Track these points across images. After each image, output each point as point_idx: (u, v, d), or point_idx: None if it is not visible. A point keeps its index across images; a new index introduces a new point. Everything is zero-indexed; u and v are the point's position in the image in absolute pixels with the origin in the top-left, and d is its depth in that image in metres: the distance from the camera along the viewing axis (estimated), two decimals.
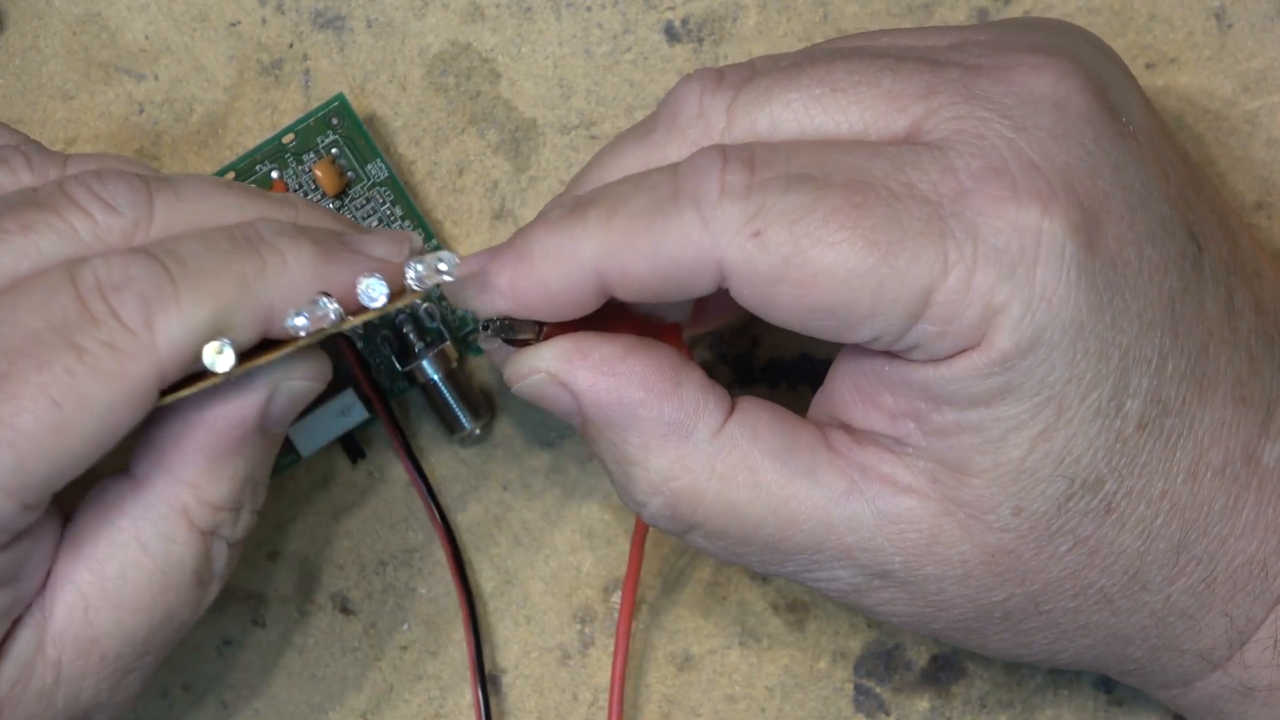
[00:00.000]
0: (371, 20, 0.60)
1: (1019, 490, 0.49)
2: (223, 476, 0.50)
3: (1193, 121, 0.60)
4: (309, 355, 0.50)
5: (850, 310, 0.48)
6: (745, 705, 0.60)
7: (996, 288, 0.47)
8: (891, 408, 0.50)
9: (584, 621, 0.60)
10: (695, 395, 0.50)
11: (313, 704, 0.60)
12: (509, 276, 0.50)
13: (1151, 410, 0.49)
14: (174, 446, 0.50)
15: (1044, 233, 0.48)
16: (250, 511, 0.51)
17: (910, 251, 0.47)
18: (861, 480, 0.50)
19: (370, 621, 0.60)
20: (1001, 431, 0.48)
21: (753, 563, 0.51)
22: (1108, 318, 0.48)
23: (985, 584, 0.50)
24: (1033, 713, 0.60)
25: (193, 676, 0.59)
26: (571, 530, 0.60)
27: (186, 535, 0.50)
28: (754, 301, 0.49)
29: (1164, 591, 0.50)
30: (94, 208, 0.49)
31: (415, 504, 0.60)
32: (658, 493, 0.50)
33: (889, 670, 0.60)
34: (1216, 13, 0.60)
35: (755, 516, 0.50)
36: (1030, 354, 0.48)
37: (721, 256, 0.48)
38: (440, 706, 0.60)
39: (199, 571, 0.50)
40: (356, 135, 0.59)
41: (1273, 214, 0.60)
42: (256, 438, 0.50)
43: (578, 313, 0.50)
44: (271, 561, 0.60)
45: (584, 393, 0.50)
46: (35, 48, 0.60)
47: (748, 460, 0.50)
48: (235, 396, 0.49)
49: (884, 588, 0.51)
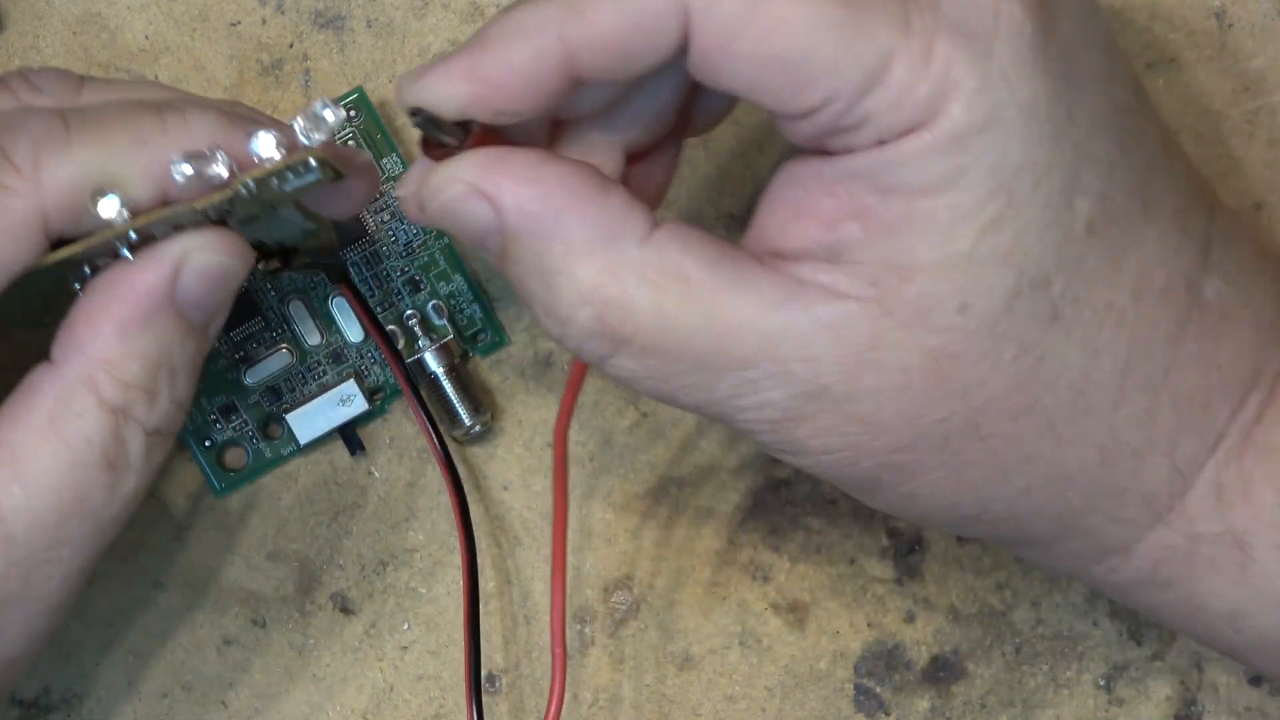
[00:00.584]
0: (371, 20, 0.60)
1: (965, 284, 0.47)
2: (134, 353, 0.49)
3: (1193, 121, 0.60)
4: (220, 231, 0.50)
5: (809, 63, 0.46)
6: (745, 705, 0.60)
7: (954, 58, 0.46)
8: (832, 211, 0.48)
9: (584, 621, 0.60)
10: (621, 202, 0.48)
11: (313, 704, 0.60)
12: (465, 61, 0.48)
13: (1100, 213, 0.48)
14: (85, 322, 0.49)
15: (1003, 10, 0.47)
16: (170, 402, 0.50)
17: (876, 9, 0.46)
18: (798, 289, 0.48)
19: (370, 621, 0.60)
20: (951, 219, 0.47)
21: (682, 391, 0.49)
22: (1063, 106, 0.47)
23: (926, 397, 0.48)
24: (1033, 712, 0.60)
25: (193, 676, 0.59)
26: (571, 530, 0.60)
27: (95, 411, 0.49)
28: (710, 53, 0.47)
29: (1108, 419, 0.49)
30: (21, 89, 0.50)
31: (415, 504, 0.60)
32: (586, 303, 0.48)
33: (889, 670, 0.60)
34: (1216, 13, 0.61)
35: (688, 325, 0.48)
36: (985, 132, 0.46)
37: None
38: (440, 706, 0.60)
39: (108, 453, 0.49)
40: (374, 129, 0.59)
41: (1273, 214, 0.60)
42: (169, 315, 0.49)
43: (541, 97, 0.48)
44: (271, 561, 0.60)
45: (505, 199, 0.48)
46: (35, 48, 0.60)
47: (679, 267, 0.48)
48: (142, 267, 0.49)
49: (818, 412, 0.48)
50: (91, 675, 0.59)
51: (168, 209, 0.49)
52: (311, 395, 0.59)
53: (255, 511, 0.60)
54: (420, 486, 0.60)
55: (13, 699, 0.59)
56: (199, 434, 0.59)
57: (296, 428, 0.58)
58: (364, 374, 0.59)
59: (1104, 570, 0.52)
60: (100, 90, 0.52)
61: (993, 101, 0.46)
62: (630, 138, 0.52)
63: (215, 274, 0.50)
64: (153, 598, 0.59)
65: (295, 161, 0.49)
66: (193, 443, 0.59)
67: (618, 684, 0.60)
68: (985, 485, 0.50)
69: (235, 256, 0.50)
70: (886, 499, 0.50)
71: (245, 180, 0.48)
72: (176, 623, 0.59)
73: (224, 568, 0.59)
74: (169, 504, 0.59)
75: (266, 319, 0.59)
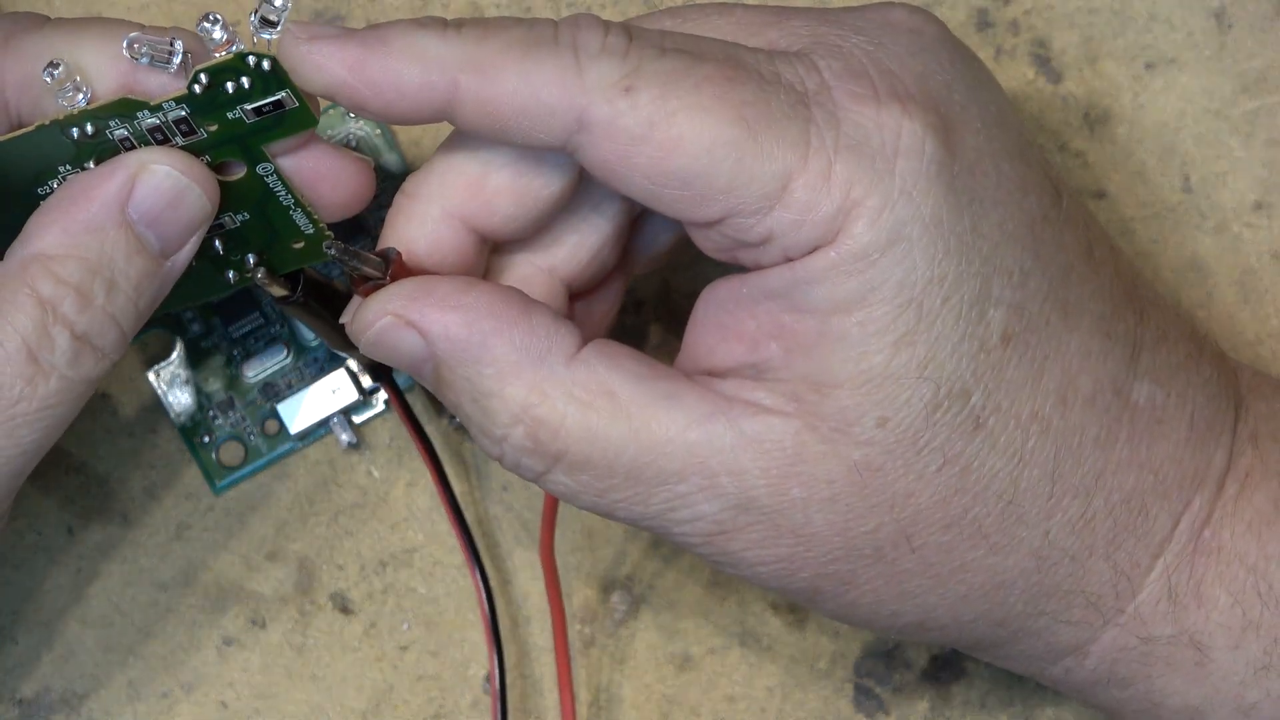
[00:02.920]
0: (371, 20, 0.60)
1: (883, 398, 0.48)
2: (74, 252, 0.49)
3: (1193, 121, 0.60)
4: (181, 152, 0.50)
5: (707, 181, 0.47)
6: (745, 705, 0.60)
7: (856, 178, 0.47)
8: (753, 332, 0.49)
9: (584, 621, 0.60)
10: (546, 321, 0.49)
11: (313, 704, 0.60)
12: (357, 52, 0.48)
13: (1016, 323, 0.48)
14: (36, 220, 0.49)
15: (904, 130, 0.47)
16: (105, 312, 0.49)
17: (776, 131, 0.47)
18: (723, 404, 0.49)
19: (370, 621, 0.60)
20: (862, 336, 0.47)
21: (618, 505, 0.50)
22: (967, 220, 0.48)
23: (853, 509, 0.49)
24: (1033, 712, 0.60)
25: (193, 676, 0.59)
26: (571, 530, 0.60)
27: (25, 300, 0.49)
28: (609, 161, 0.48)
29: (1041, 526, 0.50)
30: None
31: (415, 504, 0.60)
32: (518, 421, 0.49)
33: (889, 670, 0.60)
34: (1216, 13, 0.61)
35: (617, 441, 0.49)
36: (889, 249, 0.47)
37: (587, 106, 0.47)
38: (440, 706, 0.60)
39: (31, 344, 0.49)
40: (374, 128, 0.59)
41: (1273, 214, 0.60)
42: (118, 225, 0.49)
43: (413, 117, 0.49)
44: (271, 561, 0.60)
45: (433, 327, 0.49)
46: None
47: (606, 384, 0.49)
48: (100, 173, 0.49)
49: (750, 525, 0.49)
50: (91, 675, 0.59)
51: (121, 99, 0.49)
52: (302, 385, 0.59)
53: (255, 511, 0.60)
54: (420, 486, 0.60)
55: (13, 699, 0.59)
56: (196, 430, 0.59)
57: (287, 417, 0.58)
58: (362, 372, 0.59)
59: (1060, 671, 0.52)
60: None
61: (895, 219, 0.47)
62: (570, 272, 0.53)
63: (169, 190, 0.50)
64: (153, 598, 0.59)
65: (247, 53, 0.48)
66: (189, 439, 0.59)
67: (618, 684, 0.60)
68: (923, 594, 0.50)
69: (193, 178, 0.50)
70: (829, 608, 0.51)
71: (197, 72, 0.48)
72: (176, 623, 0.59)
73: (224, 568, 0.59)
74: (168, 504, 0.59)
75: (265, 315, 0.59)
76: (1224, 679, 0.51)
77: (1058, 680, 0.53)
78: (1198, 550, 0.51)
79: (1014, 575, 0.50)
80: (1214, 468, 0.51)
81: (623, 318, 0.60)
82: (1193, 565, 0.51)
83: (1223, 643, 0.51)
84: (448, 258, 0.51)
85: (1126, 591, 0.51)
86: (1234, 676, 0.51)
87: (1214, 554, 0.51)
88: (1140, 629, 0.51)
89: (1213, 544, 0.51)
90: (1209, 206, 0.60)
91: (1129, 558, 0.50)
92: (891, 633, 0.51)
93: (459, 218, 0.50)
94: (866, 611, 0.51)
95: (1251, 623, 0.51)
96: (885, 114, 0.47)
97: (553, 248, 0.52)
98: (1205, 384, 0.51)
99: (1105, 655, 0.51)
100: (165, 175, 0.49)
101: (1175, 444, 0.51)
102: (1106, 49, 0.61)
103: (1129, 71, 0.61)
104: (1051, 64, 0.61)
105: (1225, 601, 0.51)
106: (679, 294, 0.60)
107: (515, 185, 0.50)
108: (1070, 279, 0.50)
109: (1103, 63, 0.61)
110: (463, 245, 0.51)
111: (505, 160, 0.50)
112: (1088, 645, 0.51)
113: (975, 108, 0.49)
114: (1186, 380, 0.51)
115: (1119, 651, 0.51)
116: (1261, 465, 0.51)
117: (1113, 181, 0.61)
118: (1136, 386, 0.50)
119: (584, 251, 0.52)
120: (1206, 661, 0.51)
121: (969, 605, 0.51)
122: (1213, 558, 0.51)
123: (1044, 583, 0.50)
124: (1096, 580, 0.50)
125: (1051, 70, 0.61)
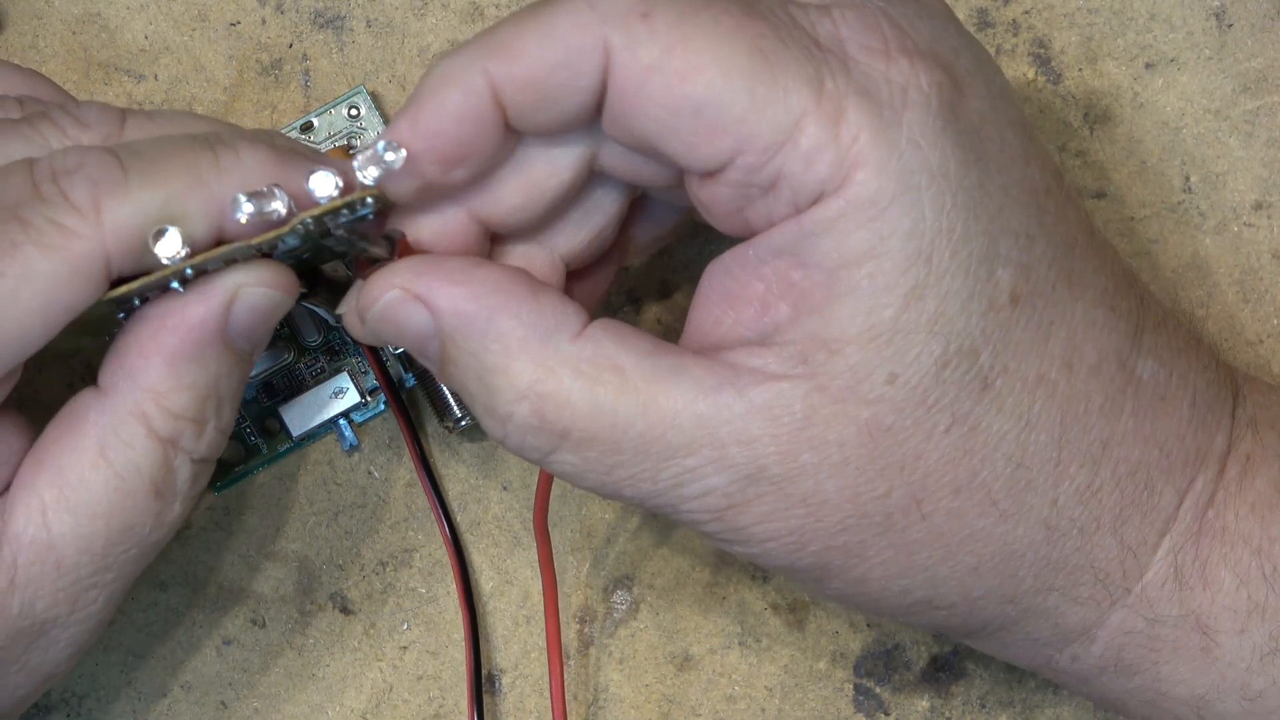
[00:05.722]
0: (371, 20, 0.60)
1: (892, 354, 0.48)
2: (183, 384, 0.49)
3: (1193, 121, 0.60)
4: (272, 265, 0.50)
5: (720, 110, 0.47)
6: (745, 705, 0.60)
7: (864, 124, 0.47)
8: (762, 294, 0.49)
9: (584, 621, 0.60)
10: (554, 300, 0.49)
11: (313, 704, 0.60)
12: (408, 121, 0.49)
13: (1023, 284, 0.48)
14: (137, 352, 0.49)
15: (911, 85, 0.48)
16: (216, 430, 0.50)
17: (791, 69, 0.47)
18: (731, 374, 0.48)
19: (370, 621, 0.60)
20: (872, 289, 0.47)
21: (625, 483, 0.49)
22: (974, 176, 0.48)
23: (864, 473, 0.48)
24: (1033, 712, 0.60)
25: (193, 676, 0.59)
26: (571, 530, 0.60)
27: (145, 441, 0.49)
28: (626, 94, 0.48)
29: (1050, 494, 0.49)
30: (65, 123, 0.50)
31: (415, 504, 0.60)
32: (523, 398, 0.49)
33: (889, 670, 0.60)
34: (1216, 13, 0.61)
35: (624, 415, 0.49)
36: (899, 199, 0.47)
37: (606, 36, 0.47)
38: (440, 706, 0.60)
39: (157, 481, 0.49)
40: (375, 127, 0.59)
41: (1273, 214, 0.60)
42: (219, 348, 0.50)
43: (480, 138, 0.49)
44: (271, 561, 0.60)
45: (440, 302, 0.49)
46: (35, 47, 0.60)
47: (613, 359, 0.49)
48: (195, 300, 0.49)
49: (760, 496, 0.49)
50: (91, 675, 0.59)
51: (225, 247, 0.49)
52: (303, 388, 0.59)
53: (255, 511, 0.60)
54: (420, 486, 0.60)
55: None
56: None
57: (290, 420, 0.58)
58: (363, 373, 0.59)
59: (1067, 658, 0.52)
60: (144, 124, 0.51)
61: (903, 167, 0.47)
62: (570, 253, 0.53)
63: (266, 307, 0.50)
64: (153, 598, 0.59)
65: (354, 199, 0.49)
66: None
67: (618, 684, 0.60)
68: (934, 566, 0.50)
69: (284, 290, 0.50)
70: (837, 586, 0.51)
71: (304, 218, 0.49)
72: (176, 623, 0.59)
73: (224, 568, 0.59)
74: None
75: None
76: (1230, 665, 0.51)
77: (1063, 670, 0.53)
78: (1203, 531, 0.51)
79: (1023, 546, 0.50)
80: (1216, 448, 0.51)
81: (622, 314, 0.60)
82: (1198, 545, 0.51)
83: (1229, 626, 0.51)
84: (453, 247, 0.51)
85: (1134, 569, 0.50)
86: (1240, 663, 0.51)
87: (1219, 535, 0.51)
88: (1147, 609, 0.51)
89: (1217, 525, 0.51)
90: (1209, 206, 0.60)
91: (1136, 534, 0.50)
92: (899, 614, 0.51)
93: (466, 210, 0.51)
94: (875, 587, 0.50)
95: (1257, 606, 0.51)
96: (894, 68, 0.48)
97: (556, 226, 0.52)
98: (1205, 369, 0.52)
99: (1112, 640, 0.51)
100: (262, 296, 0.50)
101: (1178, 421, 0.51)
102: (1106, 49, 0.61)
103: (1129, 71, 0.61)
104: (1051, 64, 0.61)
105: (1231, 584, 0.51)
106: (679, 292, 0.60)
107: (523, 179, 0.51)
108: (1074, 252, 0.50)
109: (1103, 63, 0.61)
110: (468, 237, 0.51)
111: (513, 156, 0.50)
112: (1095, 629, 0.51)
113: (981, 76, 0.49)
114: (1187, 364, 0.51)
115: (1125, 635, 0.51)
116: (1261, 450, 0.52)
117: (1113, 181, 0.61)
118: (1140, 362, 0.50)
119: (585, 232, 0.53)
120: (1213, 647, 0.51)
121: (979, 579, 0.50)
122: (1217, 539, 0.51)
123: (1053, 556, 0.50)
124: (1104, 556, 0.50)
125: (1051, 70, 0.61)
